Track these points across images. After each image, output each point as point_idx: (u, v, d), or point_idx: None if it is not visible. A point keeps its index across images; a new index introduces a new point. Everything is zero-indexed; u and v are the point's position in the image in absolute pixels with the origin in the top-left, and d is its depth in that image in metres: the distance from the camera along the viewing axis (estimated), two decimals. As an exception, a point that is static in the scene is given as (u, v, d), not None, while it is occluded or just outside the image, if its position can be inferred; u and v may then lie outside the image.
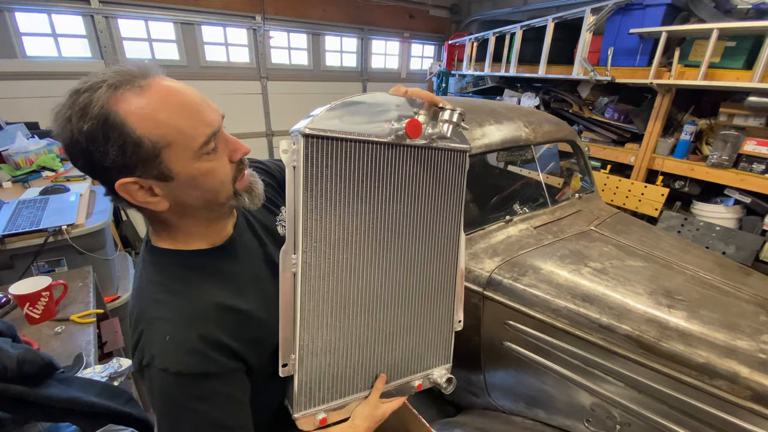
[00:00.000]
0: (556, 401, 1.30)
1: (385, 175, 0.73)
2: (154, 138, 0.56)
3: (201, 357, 0.60)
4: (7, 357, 0.83)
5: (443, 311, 0.90)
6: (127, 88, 0.56)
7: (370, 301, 0.78)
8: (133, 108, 0.55)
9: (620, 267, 1.34)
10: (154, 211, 0.63)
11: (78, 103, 0.54)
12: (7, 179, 2.11)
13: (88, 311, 1.35)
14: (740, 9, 2.38)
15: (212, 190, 0.64)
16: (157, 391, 0.60)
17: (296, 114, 3.81)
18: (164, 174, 0.59)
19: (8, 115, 2.67)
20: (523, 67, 3.52)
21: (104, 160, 0.56)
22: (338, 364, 0.76)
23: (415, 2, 4.61)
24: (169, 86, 0.59)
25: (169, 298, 0.63)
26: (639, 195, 2.74)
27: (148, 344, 0.60)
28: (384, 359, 0.82)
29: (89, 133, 0.54)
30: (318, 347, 0.72)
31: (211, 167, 0.62)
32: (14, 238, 1.54)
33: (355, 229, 0.72)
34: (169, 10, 3.24)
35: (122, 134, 0.55)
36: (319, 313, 0.71)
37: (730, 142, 2.34)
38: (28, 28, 2.81)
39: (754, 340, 1.04)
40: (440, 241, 0.85)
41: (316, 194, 0.66)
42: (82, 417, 0.94)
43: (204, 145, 0.60)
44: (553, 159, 2.83)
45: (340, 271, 0.72)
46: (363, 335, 0.78)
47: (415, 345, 0.87)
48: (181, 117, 0.58)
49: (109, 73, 0.56)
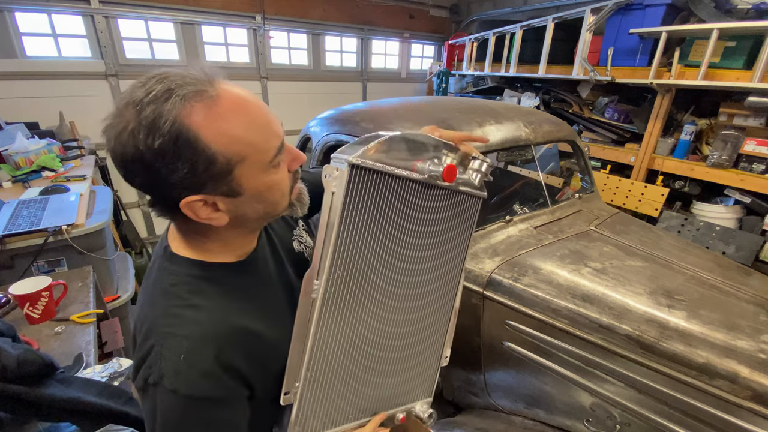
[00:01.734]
0: (556, 401, 1.30)
1: (411, 212, 0.74)
2: (228, 154, 0.53)
3: (213, 381, 0.57)
4: (7, 357, 0.83)
5: (434, 347, 0.91)
6: (198, 99, 0.51)
7: (377, 335, 0.77)
8: (206, 122, 0.51)
9: (620, 267, 1.34)
10: (208, 226, 0.60)
11: (145, 116, 0.49)
12: (7, 179, 2.11)
13: (88, 311, 1.35)
14: (740, 9, 2.38)
15: (275, 202, 0.62)
16: (162, 412, 0.56)
17: (296, 114, 3.81)
18: (233, 190, 0.57)
19: (8, 115, 2.67)
20: (523, 67, 3.52)
21: (171, 177, 0.52)
22: (335, 395, 0.75)
23: (415, 2, 4.61)
24: (239, 96, 0.55)
25: (187, 313, 0.59)
26: (639, 195, 2.74)
27: (159, 361, 0.55)
28: (376, 392, 0.82)
29: (159, 150, 0.49)
30: (320, 378, 0.71)
31: (276, 179, 0.60)
32: (14, 238, 1.55)
33: (376, 263, 0.72)
34: (169, 10, 3.24)
35: (196, 151, 0.51)
36: (330, 344, 0.70)
37: (730, 142, 2.34)
38: (28, 28, 2.80)
39: (754, 340, 1.04)
40: (444, 279, 0.86)
41: (349, 223, 0.65)
42: (82, 417, 0.94)
43: (274, 158, 0.58)
44: (553, 159, 2.83)
45: (356, 303, 0.72)
46: (362, 369, 0.78)
47: (405, 379, 0.87)
48: (254, 130, 0.55)
49: (175, 80, 0.51)
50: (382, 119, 1.71)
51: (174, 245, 0.65)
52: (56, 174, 2.23)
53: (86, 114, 3.02)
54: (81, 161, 2.52)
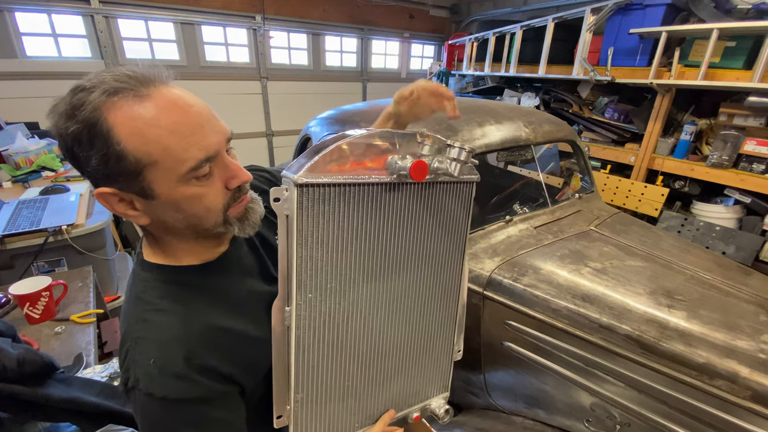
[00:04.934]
0: (556, 401, 1.30)
1: (386, 215, 0.68)
2: (138, 154, 0.52)
3: (187, 382, 0.56)
4: (7, 357, 0.83)
5: (444, 343, 0.88)
6: (124, 95, 0.51)
7: (370, 344, 0.74)
8: (123, 119, 0.51)
9: (620, 267, 1.34)
10: (166, 231, 0.62)
11: (72, 101, 0.51)
12: (7, 179, 2.11)
13: (88, 311, 1.35)
14: (740, 9, 2.38)
15: (195, 216, 0.59)
16: (142, 415, 0.57)
17: (296, 114, 3.80)
18: (145, 192, 0.56)
19: (8, 115, 2.67)
20: (523, 67, 3.52)
21: (86, 164, 0.53)
22: (335, 409, 0.73)
23: (415, 2, 4.61)
24: (171, 99, 0.54)
25: (155, 317, 0.59)
26: (639, 195, 2.74)
27: (133, 366, 0.56)
28: (381, 399, 0.80)
29: (74, 135, 0.51)
30: (314, 398, 0.69)
31: (197, 192, 0.57)
32: (14, 238, 1.55)
33: (352, 275, 0.67)
34: (169, 10, 3.24)
35: (106, 144, 0.51)
36: (315, 365, 0.67)
37: (730, 142, 2.34)
38: (28, 28, 2.81)
39: (754, 340, 1.04)
40: (443, 274, 0.82)
41: (311, 244, 0.60)
42: (82, 417, 0.94)
43: (192, 171, 0.55)
44: (553, 159, 2.83)
45: (337, 320, 0.68)
46: (361, 379, 0.75)
47: (414, 380, 0.85)
48: (174, 136, 0.53)
49: (111, 75, 0.53)
50: (382, 119, 1.70)
51: (145, 252, 0.66)
52: (56, 174, 2.23)
53: (86, 114, 3.02)
54: (81, 161, 2.51)
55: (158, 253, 0.65)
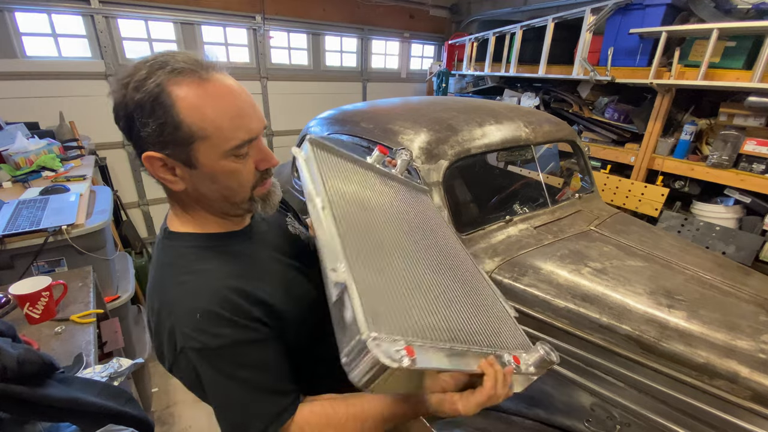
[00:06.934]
0: (556, 401, 1.30)
1: None
2: (194, 128, 0.60)
3: (236, 326, 0.61)
4: (7, 357, 0.83)
5: (493, 302, 0.85)
6: (188, 75, 0.59)
7: (412, 254, 0.73)
8: (186, 95, 0.59)
9: (620, 267, 1.34)
10: (172, 190, 0.67)
11: (139, 74, 0.58)
12: (7, 179, 2.11)
13: (88, 311, 1.35)
14: (740, 9, 2.37)
15: (229, 188, 0.67)
16: (200, 370, 0.60)
17: (296, 114, 3.79)
18: (190, 161, 0.63)
19: (8, 115, 2.66)
20: (523, 67, 3.52)
21: (142, 129, 0.59)
22: (404, 296, 0.60)
23: (415, 2, 4.60)
24: (226, 86, 0.63)
25: (192, 278, 0.64)
26: (639, 195, 2.74)
27: (178, 327, 0.60)
28: (460, 317, 0.67)
29: (138, 103, 0.58)
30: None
31: (234, 168, 0.65)
32: (14, 238, 1.54)
33: None
34: (169, 10, 3.24)
35: (167, 114, 0.58)
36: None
37: (730, 142, 2.34)
38: (28, 28, 2.80)
39: (754, 340, 1.04)
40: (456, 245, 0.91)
41: None
42: (82, 417, 0.94)
43: (235, 148, 0.63)
44: (553, 159, 2.82)
45: None
46: (423, 282, 0.67)
47: (489, 320, 0.74)
48: (226, 117, 0.61)
49: (177, 57, 0.60)
50: (382, 119, 1.71)
51: (172, 224, 0.72)
52: (56, 174, 2.22)
53: (86, 114, 3.01)
54: (81, 161, 2.51)
55: (187, 222, 0.71)
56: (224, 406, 0.63)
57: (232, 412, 0.63)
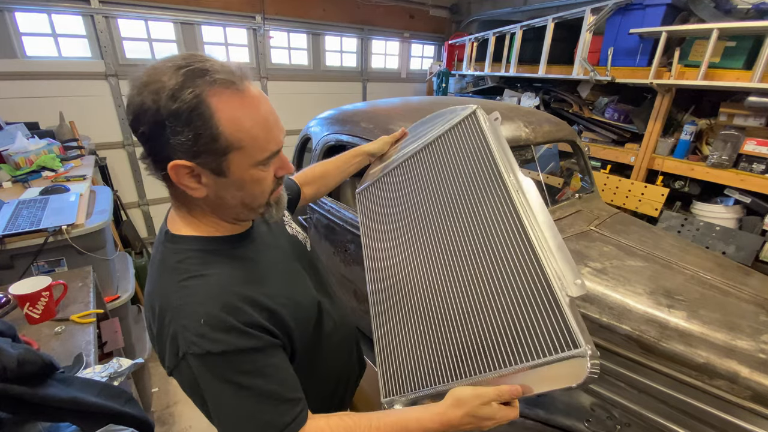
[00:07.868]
0: (556, 401, 1.30)
1: None
2: (232, 139, 0.60)
3: (240, 333, 0.61)
4: (7, 357, 0.83)
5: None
6: (226, 86, 0.59)
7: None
8: (225, 106, 0.59)
9: (620, 267, 1.34)
10: (187, 194, 0.65)
11: (176, 81, 0.56)
12: (7, 179, 2.11)
13: (88, 311, 1.35)
14: (740, 9, 2.37)
15: (252, 195, 0.68)
16: (203, 377, 0.59)
17: (296, 114, 3.79)
18: (221, 169, 0.62)
19: (8, 115, 2.66)
20: (523, 67, 3.52)
21: (173, 138, 0.58)
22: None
23: (415, 2, 4.61)
24: (259, 96, 0.63)
25: (197, 282, 0.63)
26: (639, 195, 2.74)
27: (182, 332, 0.59)
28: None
29: (174, 112, 0.56)
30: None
31: (261, 176, 0.66)
32: (14, 238, 1.54)
33: None
34: (169, 10, 3.24)
35: (206, 125, 0.58)
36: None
37: (730, 142, 2.34)
38: (28, 28, 2.80)
39: (754, 340, 1.04)
40: None
41: None
42: (82, 417, 0.94)
43: (267, 159, 0.65)
44: (553, 159, 2.83)
45: None
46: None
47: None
48: (261, 129, 0.62)
49: (214, 65, 0.59)
50: (382, 119, 1.71)
51: (174, 227, 0.70)
52: (56, 174, 2.22)
53: (86, 114, 3.02)
54: (81, 161, 2.51)
55: (192, 225, 0.70)
56: (228, 417, 0.61)
57: (237, 423, 0.61)
